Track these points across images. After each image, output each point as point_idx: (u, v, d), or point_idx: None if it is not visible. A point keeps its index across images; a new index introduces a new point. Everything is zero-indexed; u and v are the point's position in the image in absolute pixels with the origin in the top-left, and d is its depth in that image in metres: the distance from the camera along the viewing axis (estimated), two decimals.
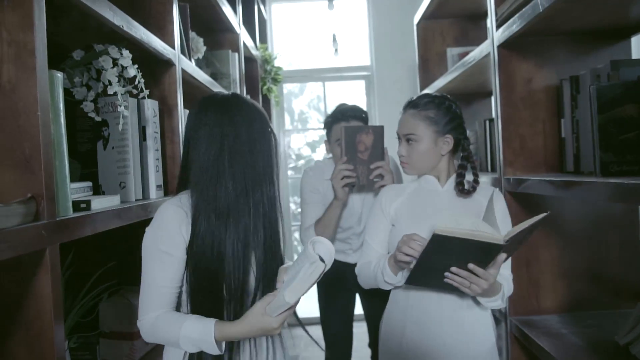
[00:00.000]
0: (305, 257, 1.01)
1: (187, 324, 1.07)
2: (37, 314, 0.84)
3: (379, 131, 1.77)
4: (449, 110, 1.40)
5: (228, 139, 1.12)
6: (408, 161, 1.42)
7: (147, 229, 1.15)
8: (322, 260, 1.00)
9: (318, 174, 2.09)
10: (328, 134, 2.05)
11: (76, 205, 1.01)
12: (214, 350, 1.07)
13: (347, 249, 2.12)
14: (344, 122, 1.94)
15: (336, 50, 3.83)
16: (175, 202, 1.13)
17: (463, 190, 1.39)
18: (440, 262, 1.20)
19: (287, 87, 4.46)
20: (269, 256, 1.15)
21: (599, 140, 1.16)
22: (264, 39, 3.82)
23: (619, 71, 1.22)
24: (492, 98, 1.67)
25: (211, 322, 1.07)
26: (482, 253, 1.17)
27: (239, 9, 2.83)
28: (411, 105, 1.43)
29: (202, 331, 1.06)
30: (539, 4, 1.23)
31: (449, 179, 1.44)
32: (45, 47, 0.84)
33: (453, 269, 1.19)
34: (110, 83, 1.20)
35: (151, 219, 1.32)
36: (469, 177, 1.42)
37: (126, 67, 1.23)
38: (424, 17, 2.74)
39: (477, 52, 1.77)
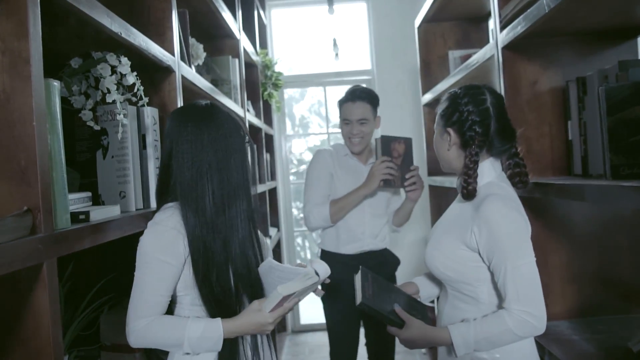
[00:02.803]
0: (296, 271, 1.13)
1: (191, 324, 1.11)
2: (35, 330, 0.81)
3: (409, 142, 2.08)
4: (455, 103, 1.29)
5: (209, 154, 1.16)
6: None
7: (144, 237, 1.16)
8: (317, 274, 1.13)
9: (332, 154, 2.22)
10: (339, 111, 2.22)
11: (75, 217, 0.99)
12: (215, 346, 1.11)
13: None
14: (350, 102, 2.13)
15: (337, 54, 3.81)
16: (169, 213, 1.17)
17: (464, 192, 1.26)
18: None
19: (288, 93, 4.44)
20: (244, 271, 1.18)
21: (608, 143, 1.13)
22: (264, 44, 3.80)
23: (628, 72, 1.19)
24: None
25: (216, 320, 1.13)
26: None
27: (239, 14, 2.81)
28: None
29: (208, 328, 1.11)
30: (544, 5, 1.21)
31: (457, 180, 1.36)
32: (41, 55, 0.82)
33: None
34: (108, 91, 1.18)
35: None
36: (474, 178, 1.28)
37: (125, 75, 1.21)
38: (425, 20, 2.72)
39: (480, 55, 1.75)
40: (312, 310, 3.90)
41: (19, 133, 0.79)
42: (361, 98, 2.13)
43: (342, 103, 2.19)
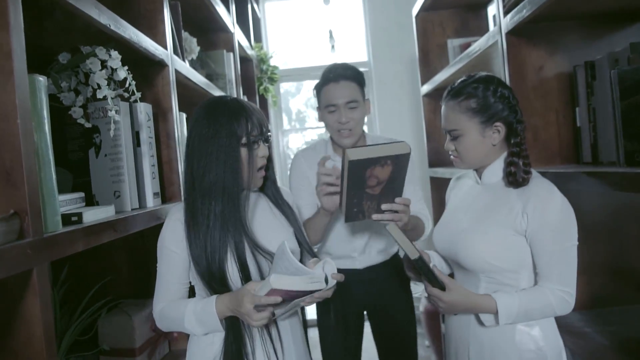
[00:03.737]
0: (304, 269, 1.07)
1: (191, 302, 1.15)
2: (26, 340, 0.76)
3: (402, 162, 1.25)
4: (495, 95, 1.21)
5: (194, 150, 1.18)
6: (458, 156, 1.28)
7: (161, 230, 1.23)
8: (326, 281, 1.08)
9: (310, 156, 1.74)
10: (318, 98, 1.71)
11: (66, 219, 0.94)
12: (215, 322, 1.12)
13: (351, 252, 1.74)
14: (333, 82, 1.63)
15: (333, 46, 3.76)
16: (179, 206, 1.22)
17: (515, 181, 1.20)
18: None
19: (284, 87, 4.38)
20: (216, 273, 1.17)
21: (622, 128, 1.09)
22: (258, 38, 3.74)
23: None
24: None
25: (212, 297, 1.15)
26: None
27: (232, 7, 2.75)
28: (450, 95, 1.26)
29: (205, 303, 1.13)
30: None
31: (490, 168, 1.27)
32: (24, 48, 0.77)
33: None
34: (99, 86, 1.13)
35: (149, 228, 1.26)
36: (521, 166, 1.22)
37: (116, 69, 1.16)
38: (423, 9, 2.67)
39: (482, 41, 1.70)
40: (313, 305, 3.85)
41: (2, 131, 0.74)
42: (345, 77, 1.63)
43: (321, 86, 1.67)
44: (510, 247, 1.19)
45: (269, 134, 1.23)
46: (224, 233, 1.15)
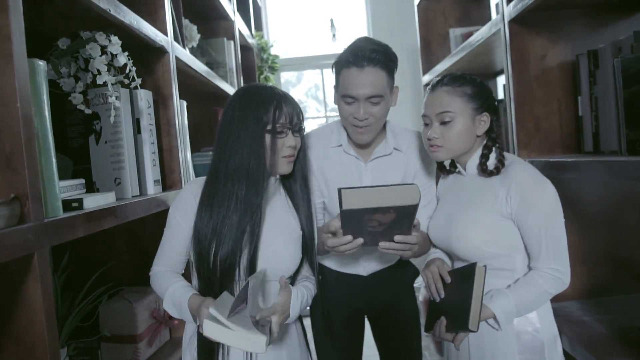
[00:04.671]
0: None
1: (175, 286, 1.17)
2: (28, 326, 0.77)
3: (407, 211, 1.10)
4: (484, 87, 1.27)
5: (223, 132, 1.20)
6: (442, 144, 1.24)
7: (175, 198, 1.26)
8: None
9: (314, 144, 1.48)
10: (336, 78, 1.42)
11: (67, 205, 0.94)
12: (187, 314, 1.14)
13: (356, 262, 1.55)
14: (355, 67, 1.33)
15: (334, 35, 3.73)
16: (199, 181, 1.23)
17: (486, 170, 1.25)
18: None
19: (284, 76, 4.36)
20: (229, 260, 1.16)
21: (624, 117, 1.08)
22: (259, 26, 3.72)
23: None
24: (504, 77, 1.59)
25: (192, 291, 1.16)
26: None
27: None
28: (444, 82, 1.27)
29: (182, 295, 1.14)
30: None
31: (473, 159, 1.29)
32: (23, 32, 0.76)
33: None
34: (99, 72, 1.12)
35: (149, 215, 1.26)
36: (493, 157, 1.26)
37: (116, 55, 1.15)
38: None
39: (485, 30, 1.69)
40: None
41: (2, 116, 0.73)
42: (373, 61, 1.32)
43: (341, 67, 1.37)
44: (500, 232, 1.21)
45: (300, 125, 1.22)
46: (244, 218, 1.15)
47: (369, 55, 1.31)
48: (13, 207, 0.72)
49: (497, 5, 1.59)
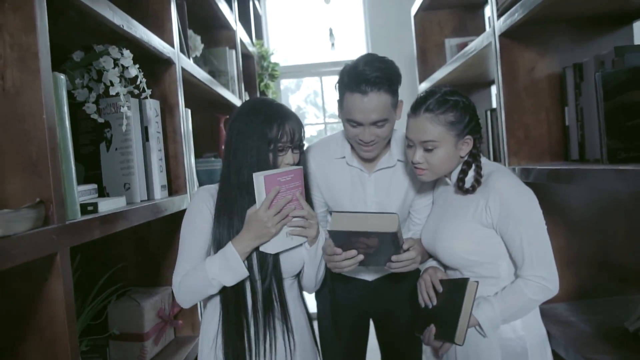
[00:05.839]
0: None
1: (208, 261, 1.21)
2: (50, 319, 0.83)
3: (386, 238, 1.20)
4: (467, 109, 1.26)
5: (233, 137, 1.27)
6: (427, 168, 1.28)
7: (190, 205, 1.32)
8: None
9: (319, 156, 1.50)
10: (339, 98, 1.41)
11: (84, 208, 1.00)
12: (238, 269, 1.19)
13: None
14: (359, 94, 1.31)
15: (333, 44, 3.81)
16: (209, 189, 1.30)
17: (462, 187, 1.28)
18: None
19: (284, 83, 4.44)
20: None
21: (605, 128, 1.15)
22: (259, 35, 3.79)
23: (624, 57, 1.21)
24: (495, 88, 1.66)
25: (228, 243, 1.21)
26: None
27: (235, 5, 2.80)
28: (426, 108, 1.25)
29: (222, 254, 1.20)
30: None
31: (454, 172, 1.33)
32: (48, 49, 0.83)
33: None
34: (112, 84, 1.19)
35: (157, 220, 1.33)
36: (471, 174, 1.29)
37: (127, 67, 1.22)
38: (422, 8, 2.73)
39: (477, 42, 1.76)
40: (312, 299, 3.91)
41: (30, 127, 0.80)
42: (377, 86, 1.31)
43: (344, 90, 1.37)
44: (482, 241, 1.25)
45: (301, 141, 1.29)
46: None
47: (372, 80, 1.31)
48: (39, 210, 0.79)
49: (489, 18, 1.67)
